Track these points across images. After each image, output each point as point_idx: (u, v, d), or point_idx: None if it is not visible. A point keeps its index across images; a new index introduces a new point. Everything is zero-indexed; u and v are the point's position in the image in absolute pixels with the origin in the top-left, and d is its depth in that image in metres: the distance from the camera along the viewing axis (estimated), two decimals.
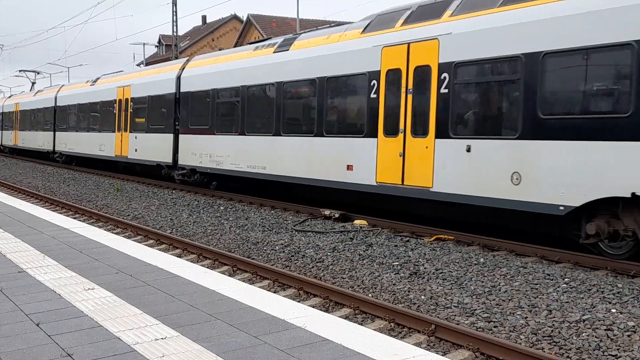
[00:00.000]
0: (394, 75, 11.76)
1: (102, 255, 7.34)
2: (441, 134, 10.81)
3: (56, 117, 31.29)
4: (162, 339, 4.37)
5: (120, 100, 23.53)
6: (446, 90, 10.73)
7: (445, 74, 10.77)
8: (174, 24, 33.13)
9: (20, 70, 47.75)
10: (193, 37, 57.76)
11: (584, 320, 6.50)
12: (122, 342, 4.29)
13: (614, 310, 6.79)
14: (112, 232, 11.97)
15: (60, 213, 14.81)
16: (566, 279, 8.05)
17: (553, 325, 6.44)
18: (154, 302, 5.33)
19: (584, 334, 6.19)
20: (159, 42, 58.75)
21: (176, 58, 32.45)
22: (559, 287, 7.72)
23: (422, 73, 11.22)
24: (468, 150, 10.35)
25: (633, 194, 8.24)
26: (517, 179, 9.58)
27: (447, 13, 11.13)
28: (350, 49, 12.86)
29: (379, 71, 12.05)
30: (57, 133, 31.22)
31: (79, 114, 28.07)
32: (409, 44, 11.43)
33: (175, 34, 33.62)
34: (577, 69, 8.88)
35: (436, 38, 10.96)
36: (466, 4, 10.90)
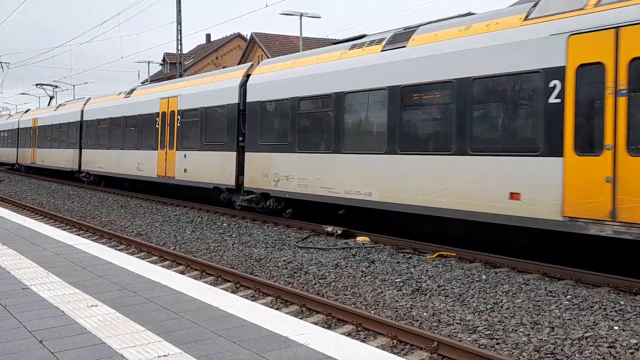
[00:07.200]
0: None
1: (105, 271, 7.37)
2: None
3: (82, 134, 28.49)
4: (164, 356, 4.40)
5: (164, 114, 20.83)
6: None
7: None
8: (179, 42, 33.43)
9: (37, 85, 45.36)
10: (197, 55, 58.21)
11: (586, 338, 6.50)
12: (125, 359, 4.32)
13: (616, 328, 6.79)
14: (116, 249, 12.00)
15: (64, 229, 14.87)
16: (568, 296, 8.05)
17: (555, 342, 6.44)
18: (157, 319, 5.36)
19: (586, 352, 6.19)
20: (163, 60, 59.24)
21: (180, 76, 32.65)
22: (561, 304, 7.72)
23: None
24: None
25: None
26: None
27: None
28: None
29: None
30: (83, 151, 28.48)
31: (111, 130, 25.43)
32: None
33: (179, 52, 33.90)
34: None
35: None
36: None
